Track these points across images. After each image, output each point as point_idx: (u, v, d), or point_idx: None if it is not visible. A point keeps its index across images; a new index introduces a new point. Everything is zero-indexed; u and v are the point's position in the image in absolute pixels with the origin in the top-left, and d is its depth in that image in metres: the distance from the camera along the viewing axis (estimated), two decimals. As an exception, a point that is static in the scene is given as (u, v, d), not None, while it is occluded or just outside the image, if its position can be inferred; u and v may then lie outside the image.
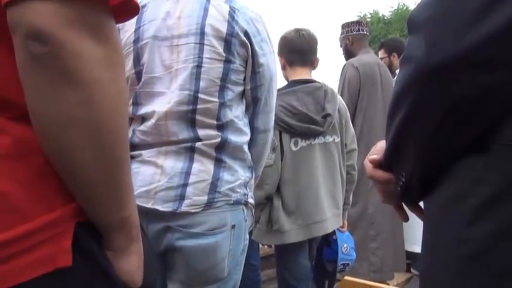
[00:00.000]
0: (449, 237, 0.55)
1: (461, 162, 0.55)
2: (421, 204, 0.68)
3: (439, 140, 0.57)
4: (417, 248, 3.39)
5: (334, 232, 2.10)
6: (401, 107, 0.60)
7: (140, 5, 0.62)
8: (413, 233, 3.31)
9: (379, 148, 0.73)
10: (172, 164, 1.27)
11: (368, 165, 0.73)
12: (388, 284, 3.05)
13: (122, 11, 0.56)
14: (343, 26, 3.39)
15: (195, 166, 1.27)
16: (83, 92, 0.52)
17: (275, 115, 1.91)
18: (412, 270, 3.45)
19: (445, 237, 0.56)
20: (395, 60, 3.79)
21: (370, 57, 3.31)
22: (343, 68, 3.23)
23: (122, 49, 0.52)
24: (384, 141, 0.70)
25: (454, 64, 0.52)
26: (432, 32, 0.54)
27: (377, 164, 0.72)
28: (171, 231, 1.26)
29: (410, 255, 3.40)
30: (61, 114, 0.52)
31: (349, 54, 3.35)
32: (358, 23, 3.38)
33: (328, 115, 2.00)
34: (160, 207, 1.24)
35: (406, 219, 0.76)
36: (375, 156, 0.72)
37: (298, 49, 2.09)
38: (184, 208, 1.24)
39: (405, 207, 0.74)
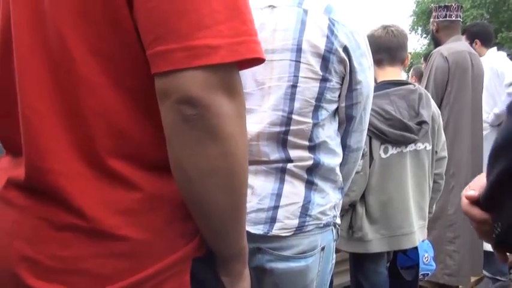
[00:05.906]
0: None
1: None
2: None
3: None
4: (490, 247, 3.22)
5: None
6: (507, 152, 0.55)
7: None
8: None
9: (478, 183, 0.69)
10: (263, 183, 1.23)
11: (464, 201, 0.71)
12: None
13: (248, 64, 0.63)
14: (432, 10, 3.16)
15: (286, 188, 1.23)
16: (223, 146, 0.61)
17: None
18: (484, 271, 3.30)
19: None
20: (478, 47, 3.50)
21: (461, 45, 3.06)
22: (430, 56, 3.02)
23: None
24: (484, 175, 0.66)
25: None
26: None
27: (474, 201, 0.69)
28: (261, 252, 1.24)
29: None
30: (205, 165, 0.61)
31: (435, 41, 3.14)
32: (446, 7, 3.05)
33: (423, 122, 1.87)
34: (251, 229, 1.22)
35: (506, 261, 0.72)
36: (472, 193, 0.69)
37: (386, 47, 1.95)
38: (275, 231, 1.22)
39: None
